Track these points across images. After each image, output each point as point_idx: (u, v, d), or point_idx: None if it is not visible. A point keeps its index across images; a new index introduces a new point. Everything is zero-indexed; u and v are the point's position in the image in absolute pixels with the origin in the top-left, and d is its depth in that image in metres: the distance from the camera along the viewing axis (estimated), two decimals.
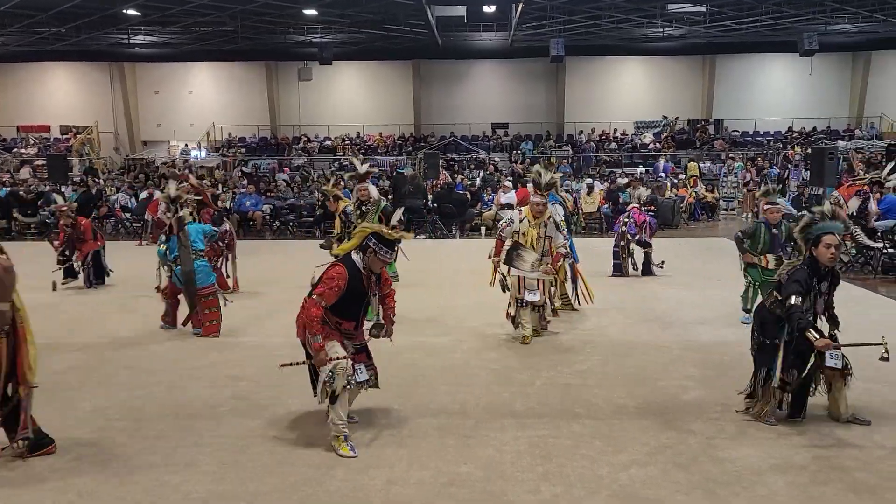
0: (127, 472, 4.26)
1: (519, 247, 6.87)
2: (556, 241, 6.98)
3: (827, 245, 4.68)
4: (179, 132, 28.84)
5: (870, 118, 27.63)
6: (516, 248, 6.88)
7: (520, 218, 6.98)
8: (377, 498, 3.92)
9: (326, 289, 4.50)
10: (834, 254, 4.71)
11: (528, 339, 6.96)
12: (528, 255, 6.84)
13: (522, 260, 6.83)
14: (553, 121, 28.83)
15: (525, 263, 6.82)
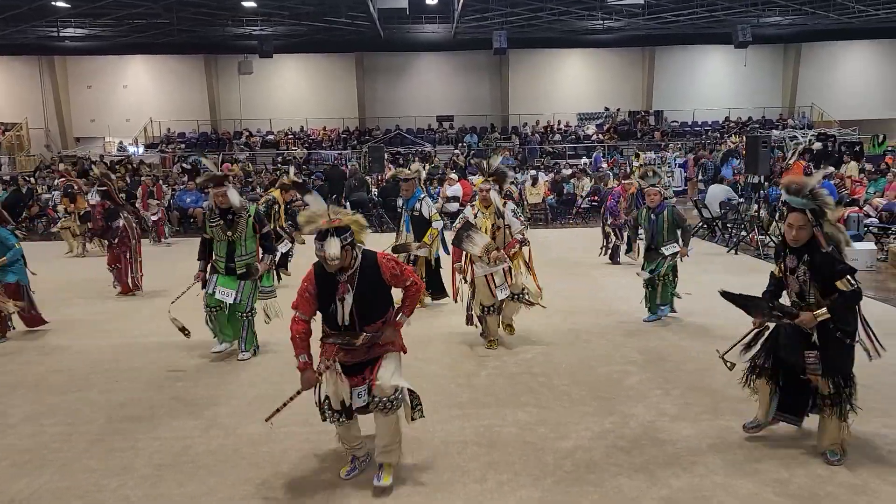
0: (62, 478, 4.13)
1: (470, 227, 6.45)
2: (514, 227, 6.53)
3: (789, 225, 4.08)
4: (115, 128, 27.96)
5: (801, 108, 28.60)
6: (467, 229, 6.43)
7: (473, 213, 6.64)
8: (321, 495, 3.88)
9: (297, 296, 3.91)
10: (794, 236, 4.04)
11: (495, 345, 6.64)
12: (479, 238, 6.37)
13: (473, 242, 6.36)
14: (498, 113, 28.99)
15: (475, 247, 6.35)
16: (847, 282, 3.88)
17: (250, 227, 6.26)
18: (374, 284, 3.89)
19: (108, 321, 7.90)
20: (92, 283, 9.96)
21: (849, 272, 3.91)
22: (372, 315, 3.92)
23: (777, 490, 3.79)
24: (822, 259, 3.98)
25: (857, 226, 11.57)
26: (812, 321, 3.98)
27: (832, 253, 4.02)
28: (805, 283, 4.10)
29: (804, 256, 4.06)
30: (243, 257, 6.24)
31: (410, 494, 3.85)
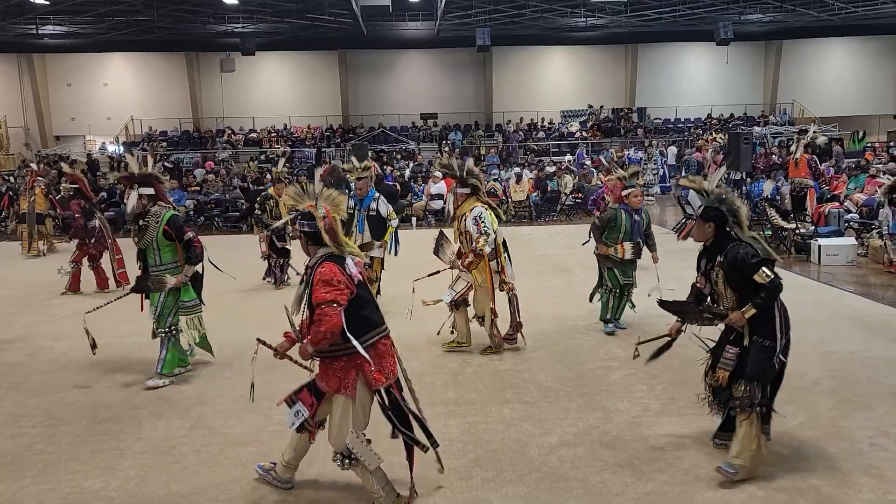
0: (45, 480, 4.10)
1: (443, 236, 6.46)
2: (473, 235, 6.07)
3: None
4: (95, 126, 27.67)
5: (782, 104, 28.85)
6: (441, 238, 6.43)
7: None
8: (308, 491, 3.88)
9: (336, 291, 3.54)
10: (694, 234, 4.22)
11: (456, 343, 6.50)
12: (448, 248, 6.36)
13: (444, 251, 6.35)
14: (481, 110, 28.98)
15: (446, 255, 6.33)
16: (764, 274, 3.82)
17: (160, 234, 5.62)
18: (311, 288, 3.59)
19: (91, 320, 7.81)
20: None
21: (764, 264, 3.84)
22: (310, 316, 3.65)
23: (760, 484, 3.83)
24: (735, 255, 3.89)
25: (838, 221, 11.69)
26: (741, 320, 3.90)
27: (745, 249, 3.90)
28: (717, 285, 4.04)
29: (716, 257, 4.00)
30: (158, 268, 5.69)
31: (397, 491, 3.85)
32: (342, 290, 3.51)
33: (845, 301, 8.15)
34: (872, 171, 14.02)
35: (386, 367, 3.70)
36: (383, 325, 3.75)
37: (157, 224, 5.64)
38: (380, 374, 3.64)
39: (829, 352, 6.16)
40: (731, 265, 3.91)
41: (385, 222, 7.84)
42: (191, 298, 5.80)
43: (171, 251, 5.72)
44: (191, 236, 5.74)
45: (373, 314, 3.72)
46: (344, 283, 3.53)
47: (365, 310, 3.67)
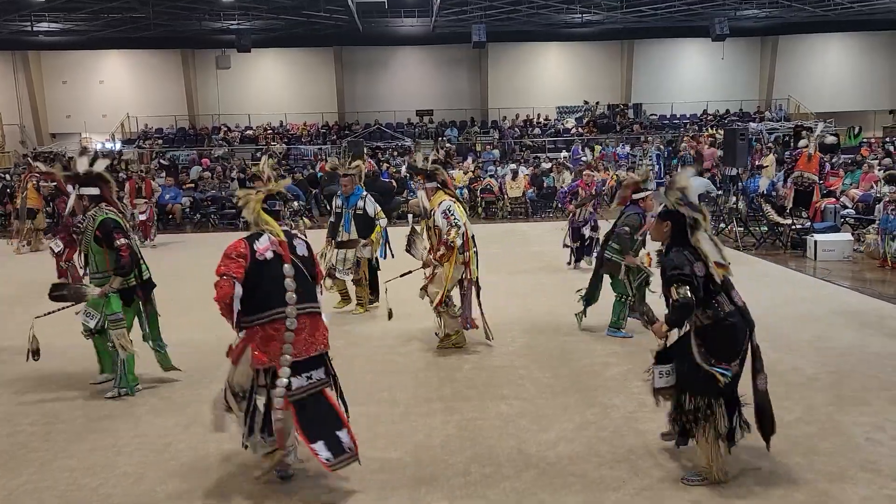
0: (41, 478, 4.09)
1: (415, 233, 6.50)
2: (443, 228, 6.06)
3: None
4: (91, 124, 27.57)
5: (778, 100, 28.87)
6: (413, 234, 6.48)
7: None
8: (307, 488, 3.88)
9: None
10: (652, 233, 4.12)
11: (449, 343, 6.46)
12: (419, 244, 6.42)
13: (416, 248, 6.43)
14: (477, 107, 28.96)
15: (418, 251, 6.42)
16: (676, 291, 3.60)
17: (92, 239, 5.24)
18: None
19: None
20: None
21: (680, 279, 3.60)
22: None
23: (756, 479, 3.84)
24: (665, 262, 3.77)
25: (834, 217, 11.72)
26: (660, 332, 3.79)
27: (675, 257, 3.71)
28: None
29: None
30: (95, 275, 5.35)
31: (395, 488, 3.86)
32: (237, 263, 3.69)
33: (841, 296, 8.18)
34: (865, 167, 14.05)
35: (271, 349, 3.71)
36: (282, 308, 3.74)
37: (92, 227, 5.22)
38: (261, 355, 3.71)
39: (825, 347, 6.18)
40: (663, 268, 3.79)
41: (373, 221, 7.70)
42: (113, 312, 5.25)
43: (105, 258, 5.28)
44: (120, 244, 5.18)
45: (273, 295, 3.76)
46: (243, 257, 3.71)
47: (262, 289, 3.75)
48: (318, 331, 3.91)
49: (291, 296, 3.77)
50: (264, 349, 3.71)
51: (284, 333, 3.74)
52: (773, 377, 5.35)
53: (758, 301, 6.01)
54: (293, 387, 3.74)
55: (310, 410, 3.80)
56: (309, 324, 3.84)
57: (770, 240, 11.72)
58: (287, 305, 3.75)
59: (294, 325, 3.76)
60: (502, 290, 8.71)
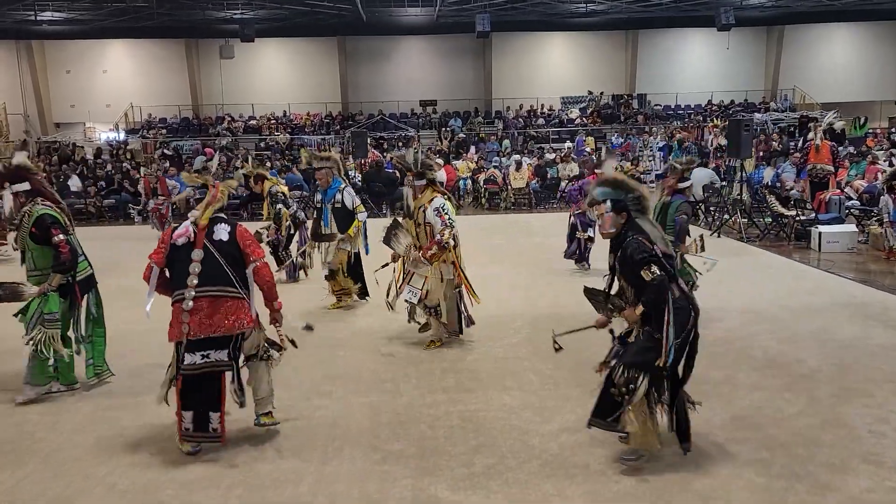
0: (47, 468, 4.12)
1: (397, 226, 6.29)
2: (436, 227, 5.98)
3: (598, 215, 4.08)
4: (95, 113, 27.57)
5: (784, 90, 28.73)
6: (394, 228, 6.27)
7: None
8: (310, 478, 3.90)
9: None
10: (600, 225, 4.11)
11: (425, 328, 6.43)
12: (403, 238, 6.20)
13: (398, 241, 6.22)
14: (481, 97, 28.87)
15: (400, 246, 6.21)
16: (649, 272, 3.71)
17: (27, 235, 5.04)
18: None
19: None
20: None
21: (651, 261, 3.72)
22: None
23: (758, 470, 3.85)
24: (625, 252, 3.82)
25: (839, 208, 11.68)
26: (633, 316, 3.87)
27: (635, 243, 3.79)
28: (621, 279, 4.02)
29: (619, 252, 3.94)
30: (33, 273, 5.13)
31: (398, 478, 3.88)
32: (159, 249, 4.23)
33: (845, 288, 8.17)
34: (870, 158, 14.00)
35: (175, 327, 4.11)
36: (183, 290, 4.10)
37: (28, 224, 5.01)
38: (171, 330, 4.14)
39: (828, 339, 6.19)
40: (623, 259, 3.86)
41: (352, 215, 7.42)
42: (51, 311, 5.01)
43: (43, 255, 5.07)
44: (58, 240, 4.95)
45: (179, 277, 4.14)
46: (165, 243, 4.23)
47: (172, 271, 4.22)
48: (220, 313, 4.10)
49: (192, 279, 4.09)
50: (174, 325, 4.14)
51: (181, 314, 4.08)
52: (776, 369, 5.41)
53: (761, 293, 6.05)
54: (185, 362, 4.09)
55: (196, 384, 4.14)
56: (207, 305, 4.08)
57: (774, 231, 11.70)
58: (186, 287, 4.10)
59: (189, 306, 4.06)
60: (505, 281, 8.73)
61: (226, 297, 4.12)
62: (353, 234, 7.37)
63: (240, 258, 4.24)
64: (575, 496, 3.65)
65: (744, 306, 7.18)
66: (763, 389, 5.03)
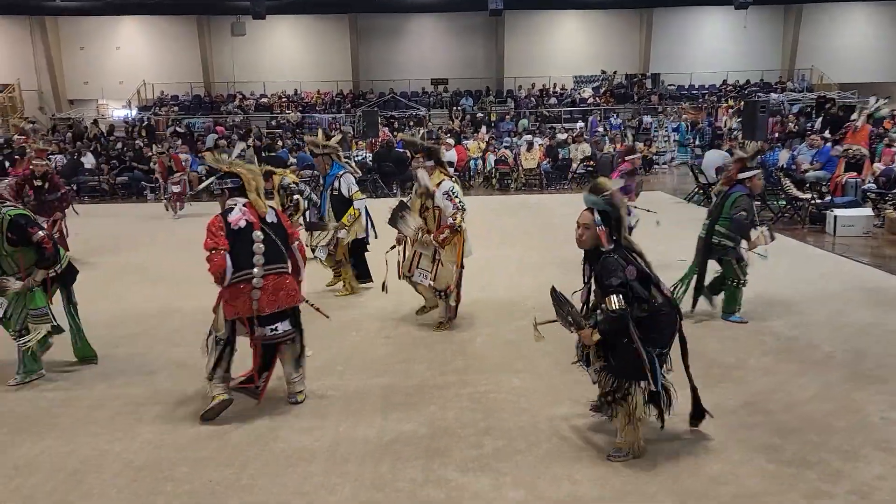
0: (64, 443, 4.18)
1: (404, 207, 6.17)
2: (446, 210, 5.95)
3: (577, 222, 3.91)
4: (108, 90, 27.61)
5: (801, 70, 28.34)
6: (401, 209, 6.15)
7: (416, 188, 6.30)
8: (322, 458, 3.94)
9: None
10: (579, 234, 3.90)
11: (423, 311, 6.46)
12: (411, 220, 6.09)
13: (405, 223, 6.10)
14: (493, 76, 28.66)
15: (408, 228, 6.10)
16: (613, 301, 3.62)
17: (3, 241, 4.92)
18: None
19: (103, 286, 7.89)
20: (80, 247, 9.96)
21: (616, 292, 3.62)
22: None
23: (769, 456, 3.85)
24: (601, 270, 3.74)
25: (856, 191, 11.55)
26: (588, 339, 3.80)
27: (612, 264, 3.70)
28: (591, 292, 3.97)
29: (594, 266, 3.86)
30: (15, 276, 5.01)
31: (408, 459, 3.91)
32: (221, 236, 4.31)
33: (860, 273, 8.10)
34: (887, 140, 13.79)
35: (239, 304, 4.33)
36: (249, 269, 4.33)
37: (1, 230, 4.88)
38: (230, 307, 4.35)
39: (842, 324, 6.15)
40: (599, 275, 3.79)
41: (349, 202, 7.16)
42: (37, 307, 5.02)
43: (25, 255, 4.98)
44: (39, 237, 4.92)
45: (241, 259, 4.34)
46: (222, 229, 4.33)
47: (233, 254, 4.33)
48: (283, 290, 4.43)
49: (259, 259, 4.36)
50: (233, 303, 4.34)
51: (251, 291, 4.32)
52: (789, 354, 5.39)
53: (774, 277, 6.01)
54: (257, 335, 4.43)
55: (267, 353, 4.55)
56: (272, 283, 4.38)
57: (788, 214, 11.60)
58: (254, 267, 4.33)
59: (260, 283, 4.33)
60: (516, 263, 8.72)
61: (285, 273, 4.50)
62: (347, 223, 7.13)
63: (285, 237, 4.59)
64: (584, 479, 3.66)
65: (756, 290, 7.14)
66: (775, 374, 5.02)
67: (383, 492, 3.59)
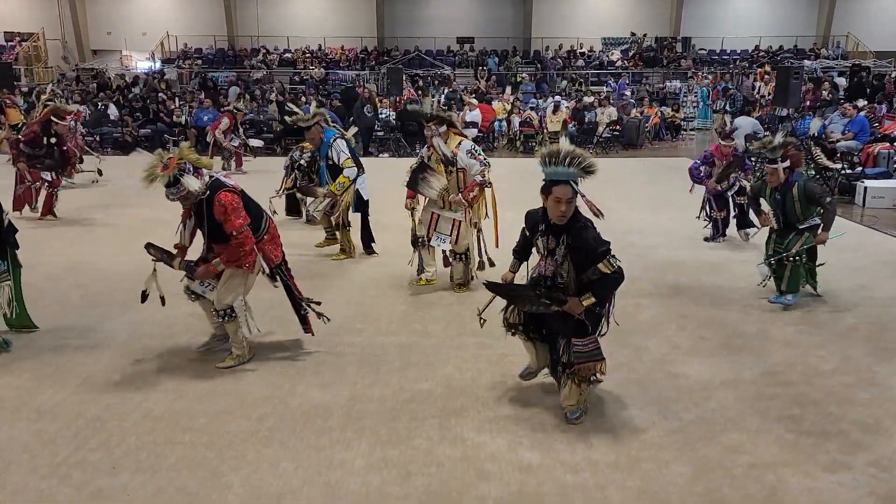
0: (86, 390, 4.25)
1: (426, 168, 5.98)
2: (472, 169, 5.87)
3: (556, 199, 3.59)
4: (131, 41, 27.54)
5: (836, 37, 27.55)
6: (423, 170, 5.97)
7: (427, 154, 6.10)
8: (339, 413, 3.96)
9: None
10: (563, 211, 3.59)
11: (425, 281, 6.32)
12: (435, 181, 5.93)
13: (429, 185, 5.93)
14: (520, 35, 28.19)
15: (432, 190, 5.94)
16: (608, 263, 3.58)
17: None
18: (210, 216, 4.39)
19: (128, 239, 7.94)
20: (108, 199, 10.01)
21: (609, 253, 3.59)
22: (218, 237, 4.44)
23: (789, 426, 3.81)
24: (583, 241, 3.60)
25: (888, 163, 11.29)
26: (579, 307, 3.66)
27: (591, 232, 3.62)
28: (562, 266, 3.71)
29: (563, 237, 3.65)
30: None
31: (425, 417, 3.92)
32: (241, 211, 4.37)
33: (888, 246, 7.95)
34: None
35: (272, 254, 4.61)
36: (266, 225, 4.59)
37: None
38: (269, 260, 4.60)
39: (867, 297, 6.05)
40: (580, 247, 3.62)
41: (339, 171, 6.88)
42: None
43: None
44: None
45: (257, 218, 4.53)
46: (238, 200, 4.38)
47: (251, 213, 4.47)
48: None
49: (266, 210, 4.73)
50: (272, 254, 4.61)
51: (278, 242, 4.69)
52: (812, 326, 5.32)
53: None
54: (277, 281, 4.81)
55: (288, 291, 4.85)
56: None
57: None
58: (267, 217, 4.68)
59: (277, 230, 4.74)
60: None
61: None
62: (337, 191, 6.86)
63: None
64: (600, 445, 3.66)
65: None
66: (797, 346, 4.96)
67: (399, 448, 3.61)
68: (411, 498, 3.22)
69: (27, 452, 3.56)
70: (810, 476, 3.37)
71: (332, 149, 6.91)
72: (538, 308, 3.80)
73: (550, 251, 3.74)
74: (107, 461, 3.48)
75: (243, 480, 3.33)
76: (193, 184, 4.26)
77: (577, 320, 3.74)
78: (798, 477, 3.36)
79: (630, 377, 4.45)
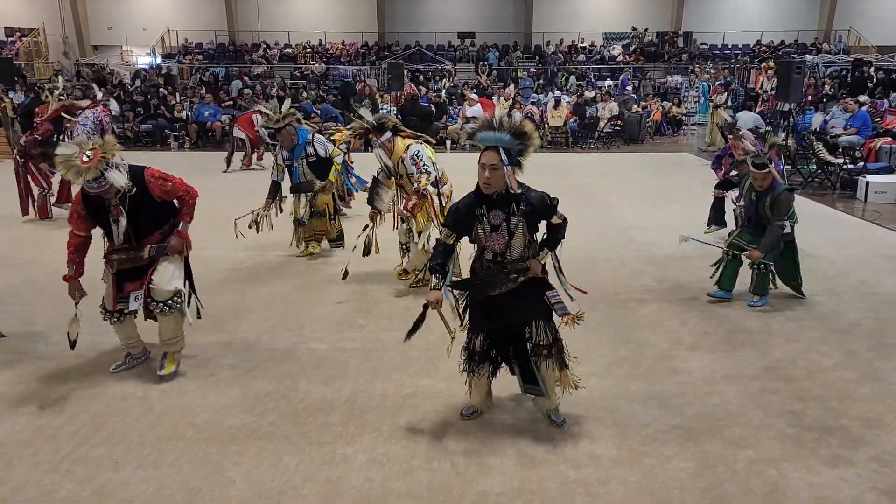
0: (90, 384, 4.27)
1: (378, 183, 6.06)
2: (414, 176, 5.76)
3: (482, 165, 3.47)
4: (132, 37, 27.46)
5: (838, 31, 27.47)
6: (376, 185, 6.07)
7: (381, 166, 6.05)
8: (341, 409, 3.97)
9: (70, 215, 4.42)
10: (487, 178, 3.45)
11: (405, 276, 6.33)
12: (385, 195, 6.03)
13: (381, 199, 6.04)
14: (521, 30, 28.11)
15: (382, 203, 6.04)
16: (559, 215, 3.72)
17: None
18: (147, 201, 4.17)
19: None
20: None
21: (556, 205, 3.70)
22: (150, 229, 4.28)
23: (790, 421, 3.82)
24: (536, 201, 3.57)
25: (889, 157, 11.27)
26: (538, 266, 3.68)
27: (534, 191, 3.62)
28: (513, 236, 3.58)
29: (513, 206, 3.53)
30: None
31: (427, 412, 3.93)
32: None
33: (890, 241, 7.94)
34: None
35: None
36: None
37: None
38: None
39: (869, 292, 6.04)
40: (535, 210, 3.58)
41: (329, 162, 6.94)
42: None
43: None
44: None
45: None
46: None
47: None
48: None
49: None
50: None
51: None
52: (813, 321, 5.32)
53: (801, 242, 5.90)
54: None
55: None
56: None
57: (819, 179, 11.37)
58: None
59: None
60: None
61: None
62: (333, 179, 6.96)
63: None
64: (603, 438, 3.66)
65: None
66: (798, 341, 4.96)
67: (401, 444, 3.62)
68: (413, 493, 3.22)
69: (30, 448, 3.57)
70: (812, 471, 3.38)
71: (312, 146, 6.87)
72: (507, 285, 3.66)
73: (495, 227, 3.57)
74: (109, 457, 3.49)
75: (245, 476, 3.33)
76: (119, 179, 3.99)
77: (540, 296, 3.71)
78: (800, 472, 3.36)
79: (632, 372, 4.45)
